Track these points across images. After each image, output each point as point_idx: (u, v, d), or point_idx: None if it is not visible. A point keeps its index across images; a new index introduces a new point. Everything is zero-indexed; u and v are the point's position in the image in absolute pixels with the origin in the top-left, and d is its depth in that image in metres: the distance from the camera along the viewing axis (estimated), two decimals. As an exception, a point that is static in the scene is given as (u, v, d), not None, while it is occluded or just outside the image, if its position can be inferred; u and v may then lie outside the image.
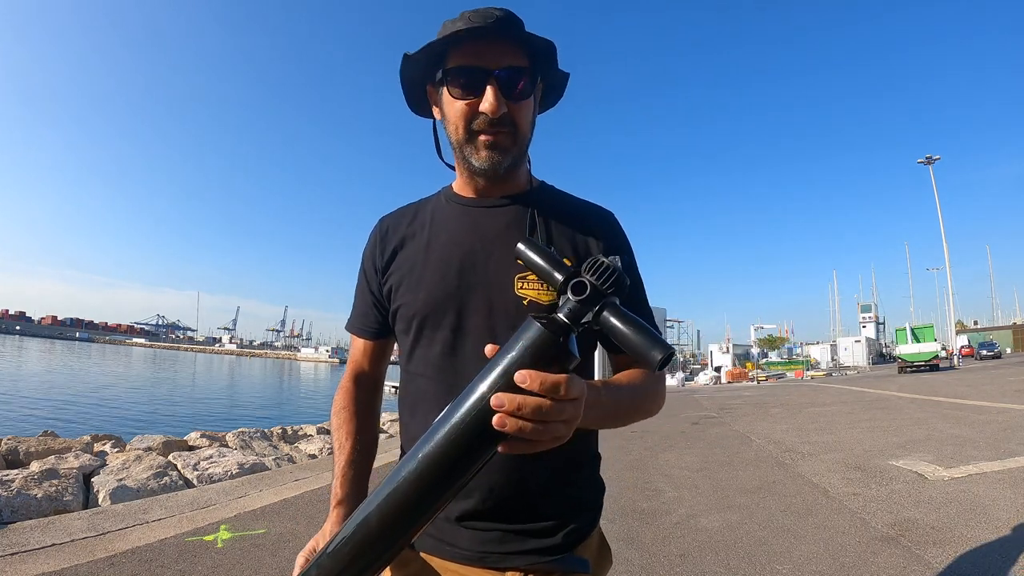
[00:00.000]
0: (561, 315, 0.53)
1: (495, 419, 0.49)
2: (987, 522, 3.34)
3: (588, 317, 0.53)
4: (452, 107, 0.82)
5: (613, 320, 0.52)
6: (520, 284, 0.83)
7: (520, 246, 0.63)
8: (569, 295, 0.54)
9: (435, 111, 0.91)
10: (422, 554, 0.84)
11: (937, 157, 33.08)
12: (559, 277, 0.57)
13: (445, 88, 0.82)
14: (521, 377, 0.48)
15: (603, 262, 0.54)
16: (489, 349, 0.54)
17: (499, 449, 0.52)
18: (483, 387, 0.50)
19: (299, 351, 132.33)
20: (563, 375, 0.50)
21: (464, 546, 0.81)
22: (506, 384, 0.49)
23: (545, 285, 0.81)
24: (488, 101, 0.79)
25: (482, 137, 0.82)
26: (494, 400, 0.49)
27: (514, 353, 0.50)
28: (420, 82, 0.89)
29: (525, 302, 0.82)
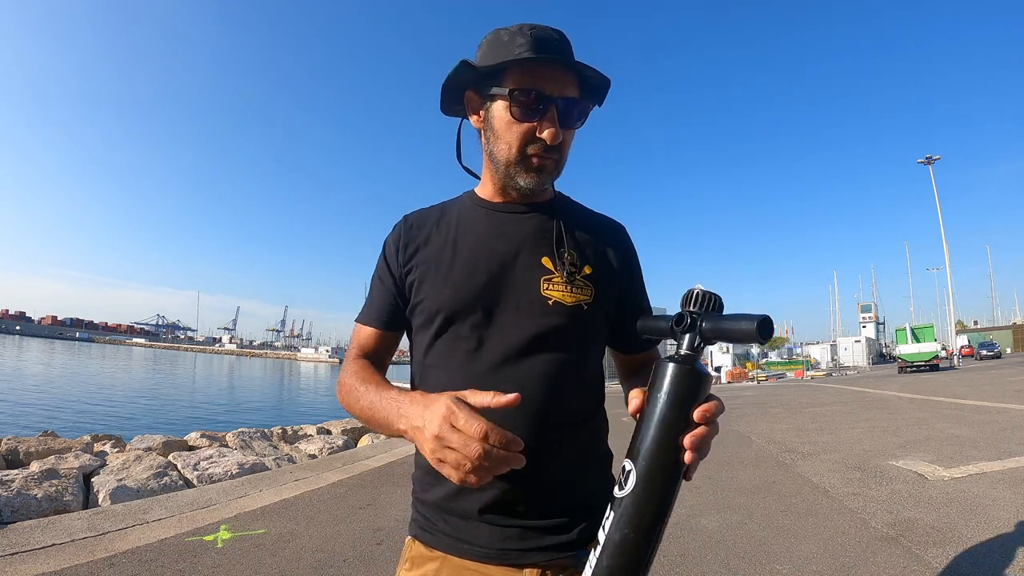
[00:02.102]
0: (683, 348, 0.64)
1: (688, 458, 0.61)
2: (987, 522, 3.34)
3: (697, 339, 0.63)
4: (509, 127, 0.83)
5: (711, 327, 0.62)
6: (546, 285, 0.86)
7: (639, 322, 0.77)
8: (677, 330, 0.65)
9: (472, 118, 0.91)
10: (439, 553, 0.84)
11: (937, 157, 33.03)
12: (668, 324, 0.68)
13: (505, 106, 0.83)
14: (701, 414, 0.61)
15: (694, 292, 0.65)
16: (634, 406, 0.67)
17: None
18: (668, 436, 0.61)
19: (299, 351, 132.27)
20: (716, 401, 0.63)
21: (482, 543, 0.81)
22: (684, 425, 0.61)
23: (569, 287, 0.87)
24: (550, 131, 0.82)
25: (534, 160, 0.85)
26: (688, 442, 0.60)
27: (673, 396, 0.61)
28: (461, 85, 0.90)
29: (550, 302, 0.85)
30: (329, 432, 7.83)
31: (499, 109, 0.84)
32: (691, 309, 0.64)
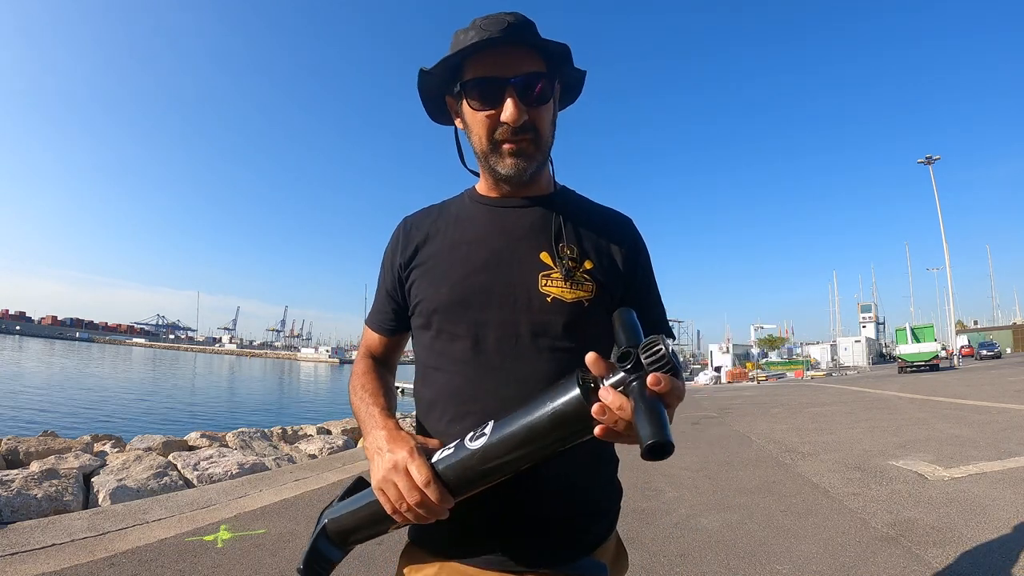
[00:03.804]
0: (607, 382, 0.60)
1: None
2: (987, 522, 3.34)
3: (621, 388, 0.60)
4: (474, 118, 0.84)
5: (638, 391, 0.58)
6: (544, 281, 0.84)
7: (618, 312, 0.70)
8: (618, 365, 0.61)
9: (456, 121, 0.92)
10: (439, 558, 0.82)
11: (937, 157, 33.05)
12: (623, 346, 0.63)
13: (464, 100, 0.83)
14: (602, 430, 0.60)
15: (660, 349, 0.58)
16: (590, 357, 0.62)
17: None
18: (526, 441, 0.64)
19: (299, 351, 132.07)
20: None
21: (483, 549, 0.80)
22: (544, 444, 0.63)
23: (568, 283, 0.84)
24: (508, 111, 0.80)
25: (506, 146, 0.84)
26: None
27: (546, 411, 0.62)
28: (438, 93, 0.90)
29: (549, 299, 0.83)
30: (329, 432, 7.83)
31: (465, 104, 0.84)
32: (645, 359, 0.58)
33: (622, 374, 0.59)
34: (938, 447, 5.73)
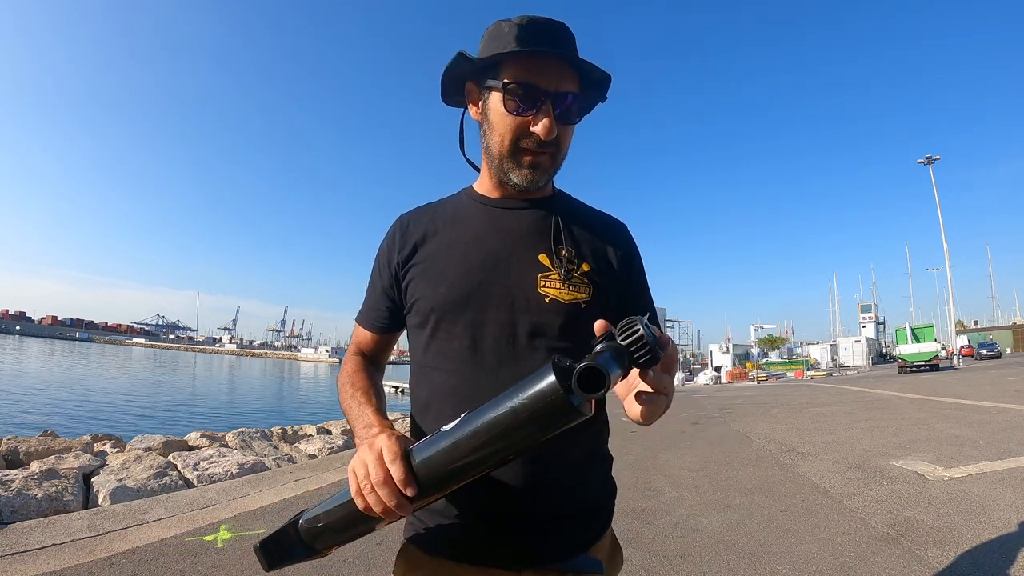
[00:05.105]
0: (581, 363, 0.55)
1: None
2: (987, 522, 3.34)
3: (613, 369, 0.56)
4: (503, 120, 0.82)
5: (611, 368, 0.55)
6: (542, 282, 0.84)
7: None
8: (617, 334, 0.58)
9: (471, 108, 0.91)
10: (435, 557, 0.83)
11: (937, 157, 33.04)
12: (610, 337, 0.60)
13: (500, 98, 0.82)
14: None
15: (637, 329, 0.57)
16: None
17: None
18: (496, 434, 0.59)
19: (299, 351, 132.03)
20: None
21: (479, 547, 0.80)
22: (501, 423, 0.58)
23: (566, 284, 0.84)
24: (544, 125, 0.80)
25: (527, 157, 0.84)
26: None
27: (521, 396, 0.57)
28: (461, 76, 0.89)
29: (547, 300, 0.83)
30: (329, 432, 7.83)
31: (495, 101, 0.83)
32: (621, 339, 0.57)
33: (611, 351, 0.58)
34: (938, 447, 5.73)
